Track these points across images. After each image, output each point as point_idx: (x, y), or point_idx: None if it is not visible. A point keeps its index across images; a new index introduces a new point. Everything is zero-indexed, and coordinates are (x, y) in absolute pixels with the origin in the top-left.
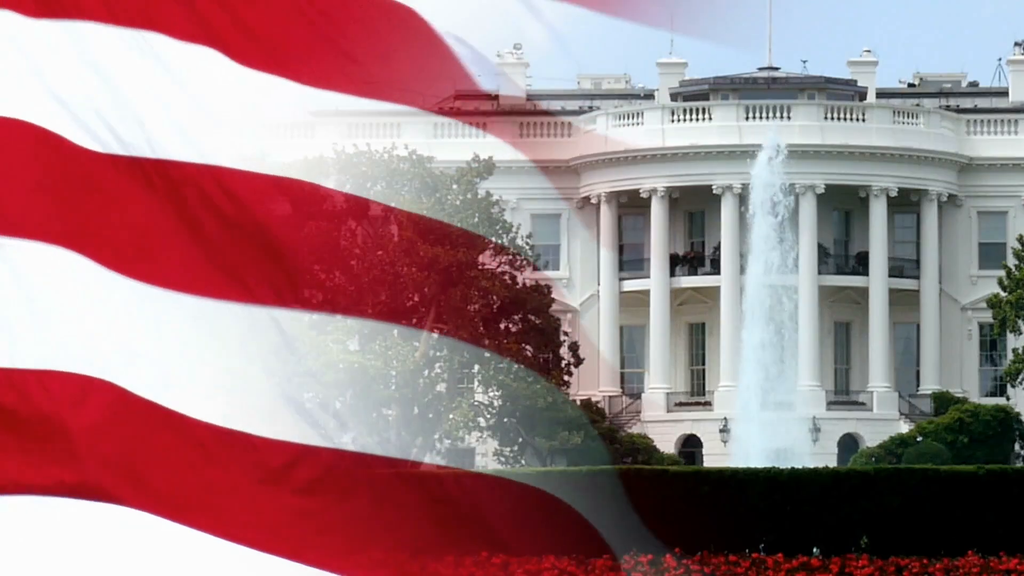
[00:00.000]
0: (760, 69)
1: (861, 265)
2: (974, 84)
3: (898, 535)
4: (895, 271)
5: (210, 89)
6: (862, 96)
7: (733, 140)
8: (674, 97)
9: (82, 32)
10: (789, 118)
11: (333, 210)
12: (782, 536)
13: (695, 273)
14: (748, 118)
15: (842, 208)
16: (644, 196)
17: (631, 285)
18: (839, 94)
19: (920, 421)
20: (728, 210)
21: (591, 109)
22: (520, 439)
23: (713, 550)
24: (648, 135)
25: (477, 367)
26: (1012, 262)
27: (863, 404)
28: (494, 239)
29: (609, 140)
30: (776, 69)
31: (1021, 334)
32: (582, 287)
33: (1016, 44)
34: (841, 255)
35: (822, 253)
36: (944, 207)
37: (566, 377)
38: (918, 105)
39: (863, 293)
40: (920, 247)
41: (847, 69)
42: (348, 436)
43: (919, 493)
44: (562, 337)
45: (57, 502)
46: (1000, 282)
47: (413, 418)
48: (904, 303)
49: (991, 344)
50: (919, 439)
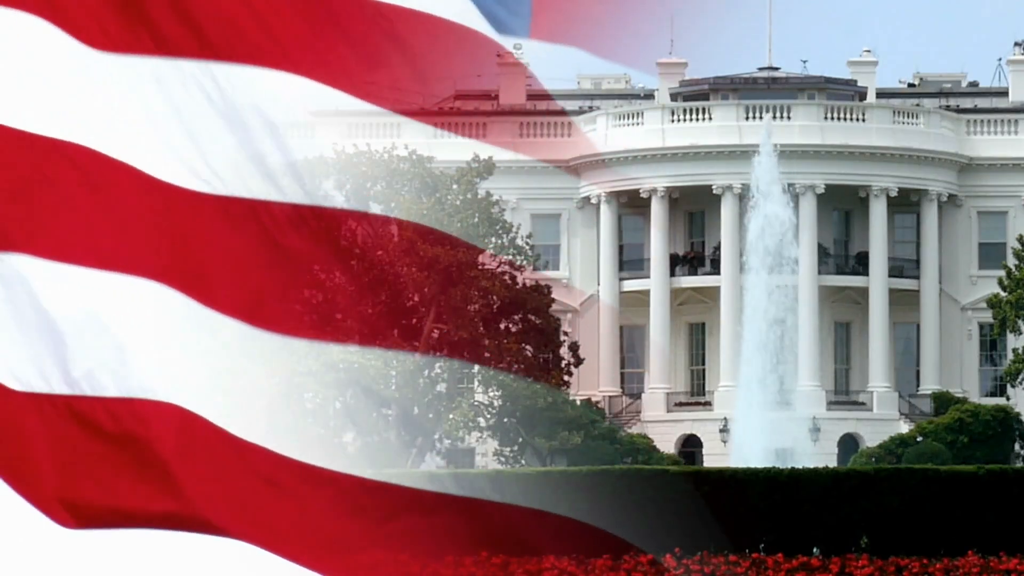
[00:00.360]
0: (760, 69)
1: (861, 265)
2: (974, 84)
3: (898, 535)
4: (895, 271)
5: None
6: (862, 96)
7: (733, 140)
8: (674, 97)
9: (157, 68)
10: (789, 118)
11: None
12: (782, 536)
13: (695, 273)
14: (748, 118)
15: (842, 208)
16: (644, 196)
17: (631, 285)
18: (839, 94)
19: (920, 421)
20: (728, 210)
21: (591, 109)
22: (520, 439)
23: (713, 550)
24: (648, 135)
25: (477, 367)
26: (1012, 262)
27: (863, 404)
28: (494, 239)
29: (609, 140)
30: (776, 69)
31: (1021, 334)
32: (582, 287)
33: (1016, 44)
34: (841, 255)
35: (822, 253)
36: (944, 207)
37: (566, 377)
38: (918, 105)
39: (863, 293)
40: (920, 247)
41: (847, 69)
42: (348, 436)
43: (919, 493)
44: (562, 337)
45: (166, 535)
46: (1000, 282)
47: (413, 418)
48: (904, 303)
49: (991, 344)
50: (919, 439)
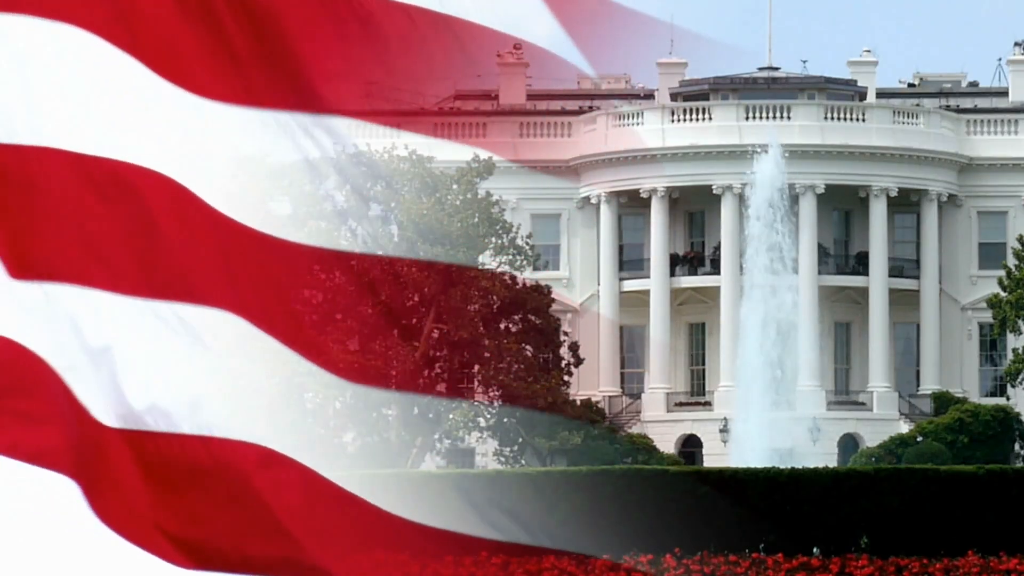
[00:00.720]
0: (760, 69)
1: (861, 265)
2: (974, 84)
3: (898, 535)
4: (895, 271)
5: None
6: (862, 96)
7: (733, 140)
8: (674, 97)
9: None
10: (789, 118)
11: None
12: (782, 536)
13: (695, 273)
14: (748, 118)
15: (842, 208)
16: (644, 196)
17: (631, 285)
18: (839, 94)
19: (920, 421)
20: (728, 210)
21: (591, 109)
22: (520, 439)
23: (713, 550)
24: (648, 135)
25: (477, 367)
26: (1012, 262)
27: (863, 404)
28: (494, 239)
29: (609, 140)
30: (776, 69)
31: (1021, 334)
32: (582, 287)
33: (1016, 44)
34: (841, 255)
35: (822, 253)
36: (944, 207)
37: (566, 377)
38: (918, 105)
39: (863, 293)
40: (920, 247)
41: (847, 69)
42: (348, 436)
43: (919, 493)
44: (562, 337)
45: None
46: (1000, 282)
47: (413, 418)
48: (904, 303)
49: (991, 344)
50: (919, 439)
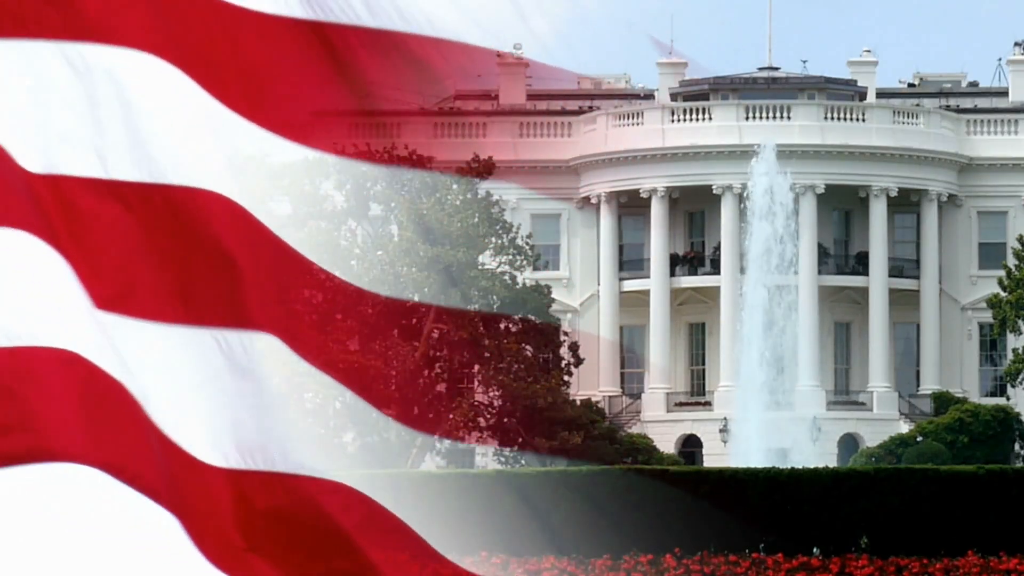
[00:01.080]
0: (760, 69)
1: (861, 265)
2: (974, 84)
3: (898, 535)
4: (895, 271)
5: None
6: (862, 96)
7: (733, 140)
8: (674, 97)
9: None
10: (789, 118)
11: (333, 210)
12: (782, 536)
13: (695, 273)
14: (748, 118)
15: (842, 208)
16: (644, 196)
17: (631, 285)
18: (839, 94)
19: (920, 421)
20: (728, 210)
21: (591, 109)
22: (520, 439)
23: (713, 550)
24: (648, 135)
25: (477, 367)
26: (1012, 262)
27: (863, 404)
28: (494, 239)
29: (609, 140)
30: (776, 69)
31: (1021, 334)
32: (582, 287)
33: (1016, 44)
34: (841, 255)
35: (822, 253)
36: (944, 207)
37: (566, 377)
38: (918, 105)
39: (863, 293)
40: (920, 247)
41: (847, 69)
42: (348, 436)
43: (919, 493)
44: (562, 337)
45: None
46: (1000, 282)
47: (413, 418)
48: (904, 303)
49: (991, 344)
50: (919, 439)
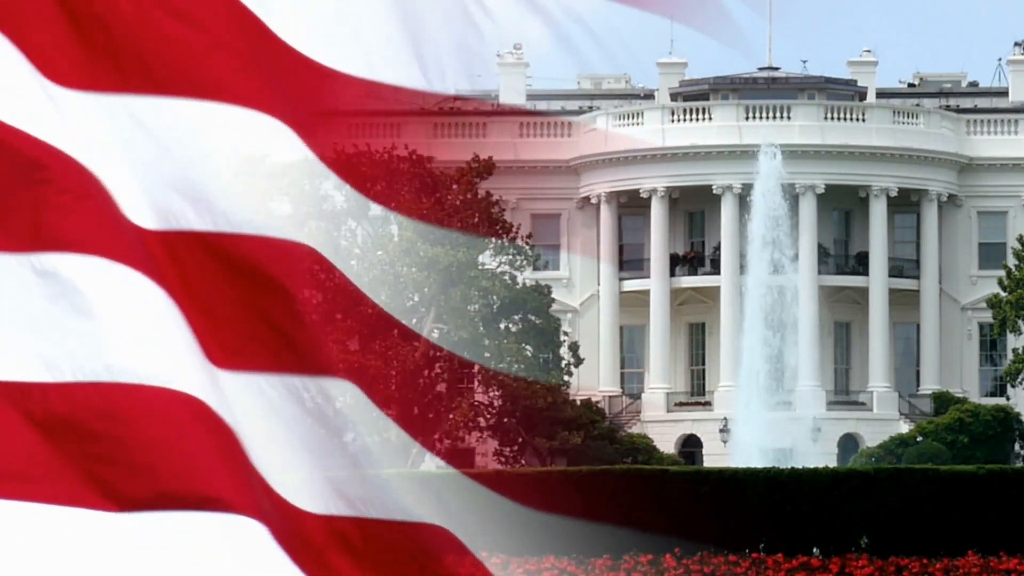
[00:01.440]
0: (760, 69)
1: (861, 265)
2: (974, 84)
3: (898, 535)
4: (895, 271)
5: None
6: (862, 96)
7: (733, 140)
8: (674, 97)
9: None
10: (789, 118)
11: (333, 210)
12: (782, 536)
13: (695, 273)
14: (748, 118)
15: (842, 208)
16: (644, 196)
17: (631, 285)
18: (839, 94)
19: (920, 421)
20: (728, 210)
21: (591, 109)
22: (520, 439)
23: (713, 550)
24: (648, 135)
25: (477, 367)
26: (1012, 262)
27: (863, 404)
28: (494, 239)
29: (609, 140)
30: (776, 69)
31: (1021, 334)
32: (582, 287)
33: (1016, 44)
34: (841, 255)
35: (822, 253)
36: (944, 207)
37: (566, 377)
38: (918, 105)
39: (863, 293)
40: (920, 247)
41: (847, 69)
42: (348, 436)
43: (919, 493)
44: (562, 337)
45: None
46: (1000, 282)
47: (413, 418)
48: (904, 303)
49: (991, 344)
50: (919, 439)
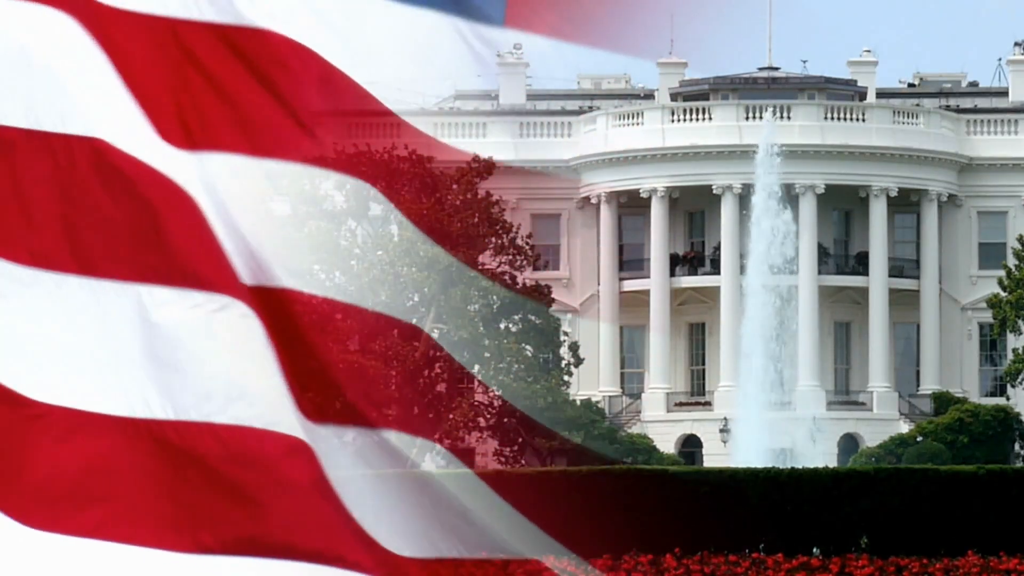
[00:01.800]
0: (760, 69)
1: (861, 265)
2: (974, 84)
3: (898, 535)
4: (895, 271)
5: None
6: (862, 96)
7: (733, 140)
8: (674, 97)
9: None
10: (789, 118)
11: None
12: (782, 536)
13: (695, 273)
14: (748, 118)
15: (842, 208)
16: (644, 196)
17: (631, 285)
18: (839, 94)
19: (920, 421)
20: (728, 210)
21: (591, 109)
22: (520, 439)
23: (713, 550)
24: (648, 135)
25: (477, 367)
26: (1012, 262)
27: (863, 404)
28: (494, 239)
29: (609, 140)
30: (776, 69)
31: (1021, 334)
32: (582, 287)
33: (1016, 44)
34: (841, 255)
35: (822, 253)
36: (944, 207)
37: (566, 377)
38: (918, 105)
39: (863, 293)
40: (920, 247)
41: (847, 69)
42: (348, 436)
43: (919, 493)
44: (562, 337)
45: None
46: (1000, 282)
47: (413, 418)
48: (904, 303)
49: (991, 344)
50: (919, 439)
